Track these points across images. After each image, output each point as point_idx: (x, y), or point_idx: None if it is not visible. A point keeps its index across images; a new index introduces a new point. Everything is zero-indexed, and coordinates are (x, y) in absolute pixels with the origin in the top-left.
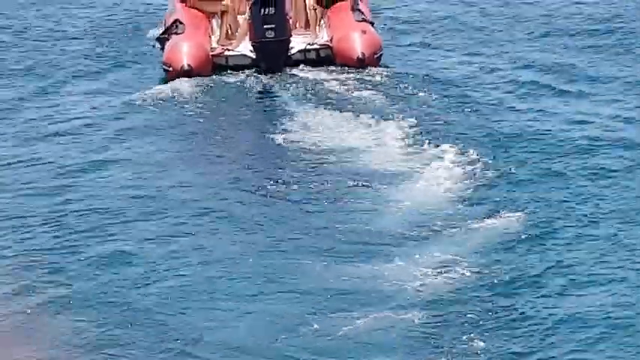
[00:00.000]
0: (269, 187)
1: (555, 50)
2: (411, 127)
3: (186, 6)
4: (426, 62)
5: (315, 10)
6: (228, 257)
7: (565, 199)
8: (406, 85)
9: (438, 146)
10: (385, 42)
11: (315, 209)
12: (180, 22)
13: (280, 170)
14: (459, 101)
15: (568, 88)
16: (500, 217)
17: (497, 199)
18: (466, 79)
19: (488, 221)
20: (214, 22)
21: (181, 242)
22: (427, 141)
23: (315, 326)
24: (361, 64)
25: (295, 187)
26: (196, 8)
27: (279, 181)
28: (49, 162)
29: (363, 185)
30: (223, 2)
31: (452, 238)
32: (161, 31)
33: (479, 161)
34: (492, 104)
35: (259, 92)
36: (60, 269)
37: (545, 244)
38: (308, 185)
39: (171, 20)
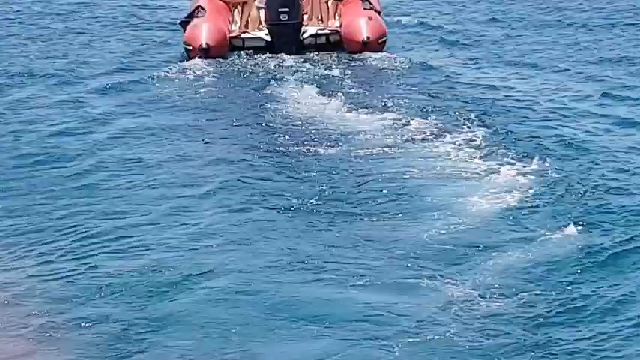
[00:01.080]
0: (290, 192)
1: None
2: (436, 125)
3: None
4: (433, 53)
5: (328, 2)
6: (259, 278)
7: (633, 216)
8: (411, 74)
9: (479, 151)
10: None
11: (347, 220)
12: (203, 9)
13: (301, 171)
14: (477, 97)
15: (614, 91)
16: (558, 234)
17: (552, 212)
18: (478, 78)
19: (545, 238)
20: (236, 12)
21: (200, 249)
22: (465, 147)
23: (350, 352)
24: (365, 47)
25: (317, 191)
26: None
27: (302, 186)
28: (71, 133)
29: (397, 192)
30: None
31: (504, 257)
32: (185, 16)
33: (523, 169)
34: (520, 106)
35: (274, 74)
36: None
37: (608, 266)
38: (332, 189)
39: (194, 6)
